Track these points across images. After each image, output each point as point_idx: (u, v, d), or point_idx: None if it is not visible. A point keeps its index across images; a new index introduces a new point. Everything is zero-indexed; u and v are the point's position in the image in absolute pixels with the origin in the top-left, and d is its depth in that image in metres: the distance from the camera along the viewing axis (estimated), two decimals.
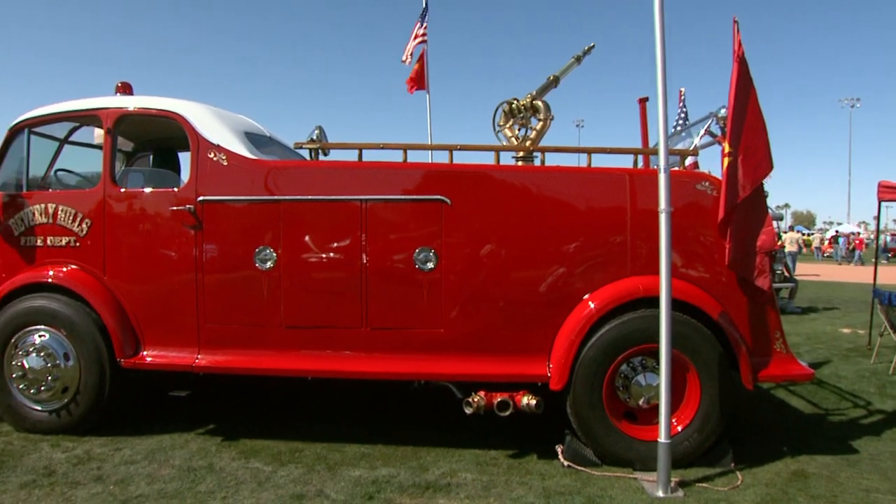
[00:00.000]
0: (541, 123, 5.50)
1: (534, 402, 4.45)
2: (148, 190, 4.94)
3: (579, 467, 4.39)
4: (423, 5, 12.49)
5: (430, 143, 7.85)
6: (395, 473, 4.31)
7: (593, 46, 6.35)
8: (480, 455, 4.66)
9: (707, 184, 4.56)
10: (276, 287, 4.63)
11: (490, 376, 4.54)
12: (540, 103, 5.54)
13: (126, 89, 5.58)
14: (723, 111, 4.58)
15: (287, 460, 4.52)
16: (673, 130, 7.54)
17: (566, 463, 4.43)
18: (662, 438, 3.99)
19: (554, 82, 5.98)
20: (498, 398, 4.48)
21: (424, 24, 12.53)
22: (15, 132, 5.30)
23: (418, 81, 12.10)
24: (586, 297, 4.53)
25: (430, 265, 4.54)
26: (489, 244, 4.58)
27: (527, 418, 4.64)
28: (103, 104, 5.12)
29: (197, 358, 4.73)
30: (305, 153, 5.10)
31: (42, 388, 4.89)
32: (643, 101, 6.51)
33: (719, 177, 4.50)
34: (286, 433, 5.02)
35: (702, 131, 4.92)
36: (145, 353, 4.85)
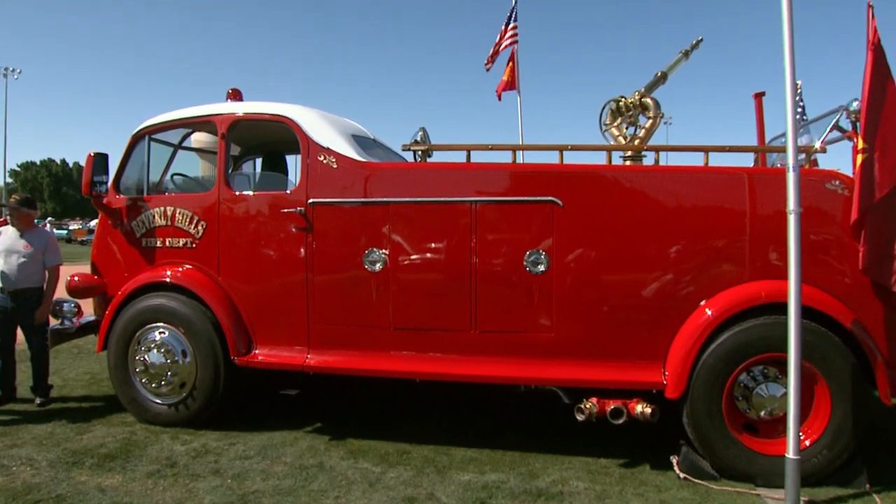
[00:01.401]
0: (650, 121, 5.32)
1: (649, 410, 4.29)
2: (260, 193, 5.08)
3: (697, 480, 4.20)
4: (512, 4, 12.39)
5: (521, 143, 7.76)
6: (505, 479, 4.25)
7: (701, 40, 6.08)
8: (591, 463, 4.53)
9: (838, 182, 4.26)
10: (385, 289, 4.65)
11: (601, 382, 4.41)
12: (649, 100, 5.36)
13: (236, 96, 5.77)
14: (855, 104, 4.25)
15: (395, 462, 4.53)
16: None
17: (682, 475, 4.24)
18: (791, 454, 3.73)
19: (662, 79, 5.77)
20: (611, 405, 4.34)
21: (513, 24, 12.44)
22: (137, 139, 5.57)
23: (509, 82, 12.01)
24: (703, 303, 4.33)
25: (541, 268, 4.45)
26: (602, 247, 4.44)
27: (635, 426, 4.48)
28: (218, 110, 5.30)
29: (307, 357, 4.82)
30: (408, 155, 5.13)
31: (162, 382, 5.12)
32: (759, 95, 6.18)
33: (850, 175, 4.20)
34: (392, 434, 5.04)
35: (829, 126, 4.60)
36: (257, 351, 4.98)
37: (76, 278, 5.58)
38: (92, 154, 5.38)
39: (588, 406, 4.38)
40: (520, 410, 5.72)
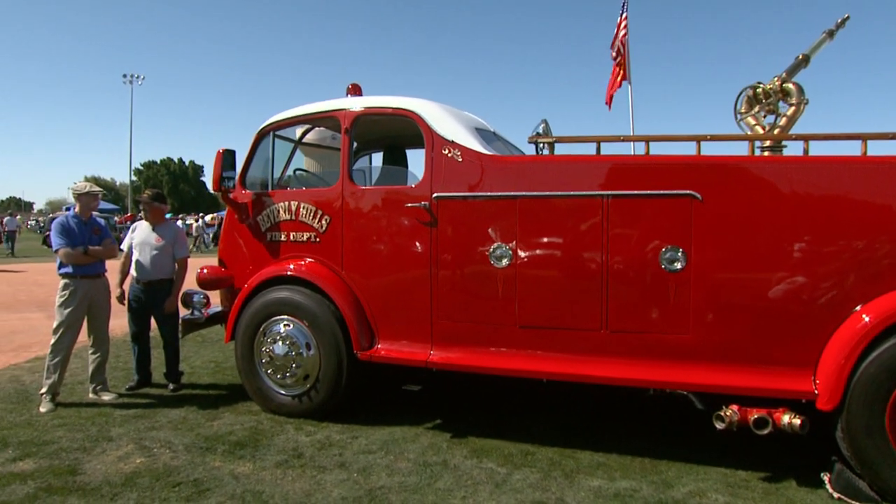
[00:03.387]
0: (792, 108, 4.95)
1: (798, 421, 3.94)
2: (383, 187, 5.07)
3: (853, 502, 3.83)
4: None
5: (632, 134, 7.43)
6: (637, 487, 4.04)
7: (847, 18, 5.58)
8: (728, 475, 4.24)
9: None
10: (512, 285, 4.53)
11: (743, 389, 4.10)
12: (791, 86, 4.98)
13: (356, 91, 5.80)
14: None
15: (520, 463, 4.41)
16: None
17: (836, 495, 3.89)
18: None
19: (804, 62, 5.33)
20: (755, 414, 4.03)
21: (625, 14, 12.04)
22: (262, 135, 5.70)
23: (622, 75, 11.62)
24: (858, 307, 3.94)
25: (678, 265, 4.20)
26: (745, 244, 4.13)
27: (774, 438, 4.16)
28: (341, 105, 5.33)
29: (430, 353, 4.77)
30: (527, 149, 4.97)
31: (286, 374, 5.21)
32: None
33: None
34: (514, 434, 4.92)
35: None
36: (380, 346, 4.98)
37: (205, 271, 5.79)
38: (221, 151, 5.55)
39: (729, 414, 4.09)
40: (646, 415, 5.46)
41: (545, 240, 4.48)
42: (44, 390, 5.53)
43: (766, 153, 4.76)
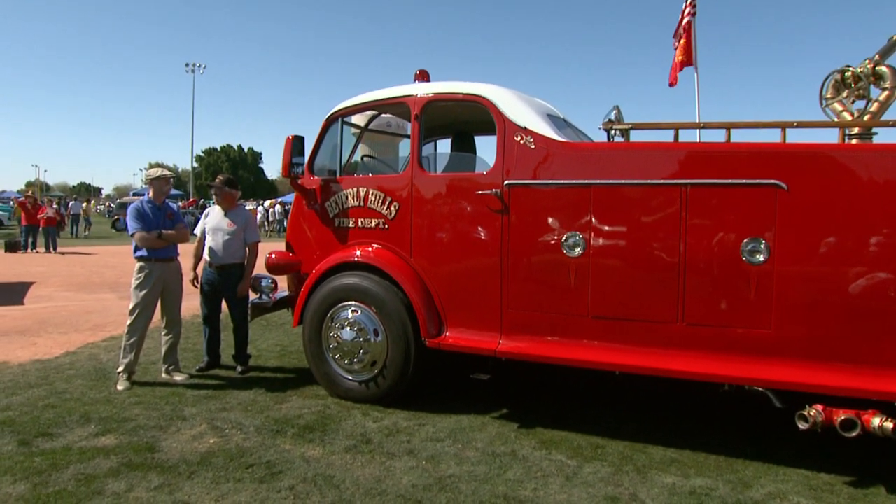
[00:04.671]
0: (885, 93, 4.68)
1: (889, 425, 3.73)
2: (454, 174, 5.02)
3: None
4: None
5: (698, 121, 7.16)
6: (713, 486, 3.91)
7: None
8: (810, 477, 4.06)
9: None
10: (585, 275, 4.43)
11: (828, 388, 3.91)
12: (885, 69, 4.70)
13: (424, 77, 5.76)
14: None
15: (590, 456, 4.33)
16: None
17: None
18: None
19: None
20: (842, 415, 3.83)
21: None
22: (330, 122, 5.72)
23: (686, 58, 11.24)
24: None
25: (760, 258, 4.03)
26: (833, 237, 3.92)
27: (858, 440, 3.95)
28: (410, 91, 5.30)
29: (500, 342, 4.72)
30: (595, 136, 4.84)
31: (354, 359, 5.24)
32: None
33: None
34: (583, 427, 4.84)
35: None
36: (448, 334, 4.95)
37: (274, 256, 5.86)
38: (290, 137, 5.58)
39: (813, 414, 3.91)
40: (720, 411, 5.29)
41: (620, 229, 4.36)
42: (120, 369, 5.71)
43: (853, 141, 4.53)
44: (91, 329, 8.28)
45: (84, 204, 32.09)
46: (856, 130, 4.56)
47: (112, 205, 50.73)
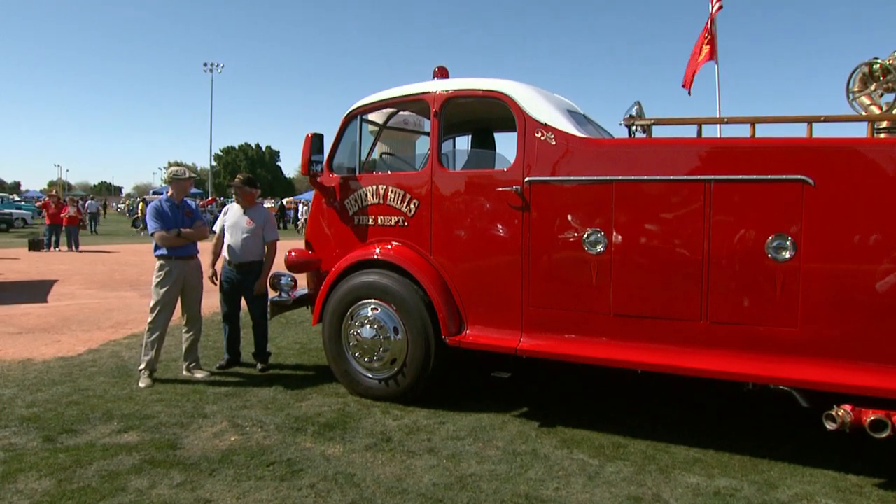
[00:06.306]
0: None
1: None
2: (474, 171, 4.99)
3: None
4: None
5: (719, 116, 7.07)
6: (738, 487, 3.85)
7: None
8: (838, 479, 3.98)
9: None
10: (607, 272, 4.38)
11: (858, 388, 3.83)
12: None
13: (443, 73, 5.72)
14: None
15: (612, 455, 4.28)
16: None
17: None
18: None
19: None
20: (871, 416, 3.75)
21: None
22: (349, 119, 5.70)
23: (710, 52, 11.10)
24: None
25: (787, 255, 3.95)
26: (861, 233, 3.84)
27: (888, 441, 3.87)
28: (430, 88, 5.27)
29: (520, 340, 4.68)
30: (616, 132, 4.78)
31: (374, 357, 5.23)
32: None
33: None
34: (604, 425, 4.79)
35: None
36: (468, 331, 4.92)
37: (293, 254, 5.87)
38: (310, 134, 5.58)
39: (841, 414, 3.83)
40: (743, 410, 5.22)
41: (643, 225, 4.30)
42: (142, 366, 5.75)
43: (882, 135, 4.43)
44: (113, 326, 8.35)
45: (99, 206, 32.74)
46: (885, 124, 4.46)
47: (131, 203, 51.51)
